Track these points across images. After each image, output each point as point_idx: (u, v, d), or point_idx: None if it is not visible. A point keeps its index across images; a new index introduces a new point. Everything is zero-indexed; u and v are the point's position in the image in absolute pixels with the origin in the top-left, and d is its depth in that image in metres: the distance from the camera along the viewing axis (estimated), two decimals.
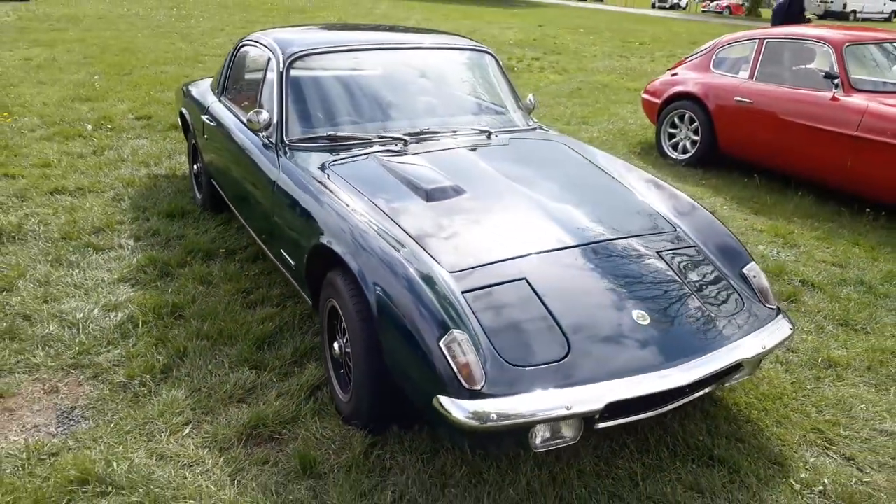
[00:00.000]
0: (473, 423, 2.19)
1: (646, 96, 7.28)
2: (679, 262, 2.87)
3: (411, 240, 2.69)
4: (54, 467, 2.51)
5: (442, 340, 2.28)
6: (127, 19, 17.40)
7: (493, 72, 4.17)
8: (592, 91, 10.64)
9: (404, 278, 2.47)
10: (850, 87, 5.50)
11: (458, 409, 2.21)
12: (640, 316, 2.53)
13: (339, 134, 3.47)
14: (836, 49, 5.64)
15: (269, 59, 3.76)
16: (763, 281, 2.90)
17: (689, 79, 6.75)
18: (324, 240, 2.80)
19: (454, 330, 2.30)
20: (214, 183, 4.57)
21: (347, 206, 2.87)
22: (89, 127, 7.05)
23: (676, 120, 6.83)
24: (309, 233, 2.96)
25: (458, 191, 3.04)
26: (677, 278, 2.77)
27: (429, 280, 2.46)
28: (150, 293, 3.75)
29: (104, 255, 4.22)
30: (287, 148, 3.40)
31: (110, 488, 2.43)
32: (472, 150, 3.50)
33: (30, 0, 21.01)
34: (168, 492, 2.42)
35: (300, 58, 3.66)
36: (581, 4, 38.11)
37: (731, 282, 2.88)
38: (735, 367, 2.62)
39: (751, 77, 6.21)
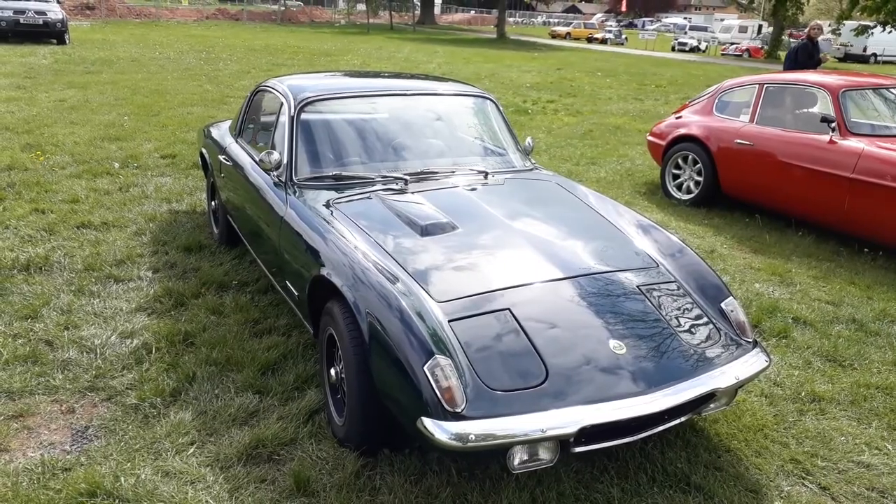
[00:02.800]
0: (454, 443, 2.35)
1: (651, 138, 7.48)
2: (658, 296, 3.02)
3: (404, 272, 2.88)
4: (66, 481, 2.70)
5: (426, 366, 2.45)
6: (158, 62, 18.08)
7: (493, 116, 4.41)
8: (604, 133, 10.86)
9: (395, 308, 2.65)
10: (847, 130, 5.65)
11: (439, 430, 2.36)
12: (616, 346, 2.69)
13: (344, 173, 3.71)
14: (832, 94, 5.81)
15: (282, 104, 4.02)
16: (740, 315, 3.04)
17: (692, 122, 6.95)
18: (324, 272, 3.00)
19: (438, 356, 2.47)
20: (230, 219, 4.82)
21: (347, 240, 3.08)
22: (116, 165, 7.40)
23: (680, 161, 7.00)
24: (311, 265, 3.17)
25: (451, 227, 3.23)
26: (656, 311, 2.92)
27: (417, 310, 2.64)
28: (164, 322, 3.97)
29: (124, 285, 4.46)
30: (295, 186, 3.63)
31: (117, 501, 2.61)
32: (470, 189, 3.71)
33: (67, 43, 21.92)
34: (172, 498, 2.59)
35: (310, 103, 3.92)
36: (601, 48, 38.71)
37: (709, 316, 3.02)
38: (709, 397, 2.75)
39: (751, 120, 6.38)
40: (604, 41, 43.30)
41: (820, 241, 5.92)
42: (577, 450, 2.56)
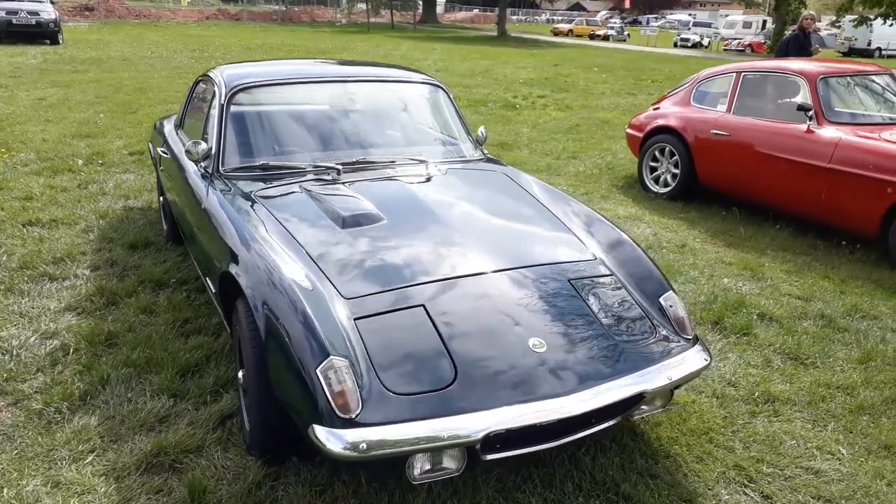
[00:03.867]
0: (345, 452, 2.14)
1: (629, 130, 7.25)
2: (591, 291, 2.81)
3: (315, 266, 2.68)
4: None
5: (319, 368, 2.25)
6: (148, 61, 17.95)
7: (442, 104, 4.19)
8: (591, 127, 10.63)
9: (294, 306, 2.44)
10: (825, 119, 5.41)
11: (329, 438, 2.16)
12: (537, 343, 2.47)
13: (272, 163, 3.51)
14: (809, 81, 5.57)
15: (215, 92, 3.83)
16: (679, 311, 2.82)
17: (669, 113, 6.71)
18: (231, 268, 2.80)
19: (333, 357, 2.26)
20: (174, 214, 4.63)
21: (258, 233, 2.87)
22: (80, 162, 7.23)
23: (657, 154, 6.77)
24: (221, 260, 2.97)
25: (376, 218, 3.03)
26: (585, 307, 2.71)
27: (319, 307, 2.44)
28: (89, 321, 3.78)
29: (58, 284, 4.28)
30: (222, 178, 3.43)
31: None
32: (407, 179, 3.49)
33: (60, 43, 21.84)
34: None
35: (242, 90, 3.72)
36: (603, 45, 38.38)
37: (646, 311, 2.80)
38: (638, 399, 2.53)
39: (728, 110, 6.14)
40: (606, 38, 42.98)
41: (798, 234, 5.68)
42: (490, 457, 2.35)
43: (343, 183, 3.37)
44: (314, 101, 3.98)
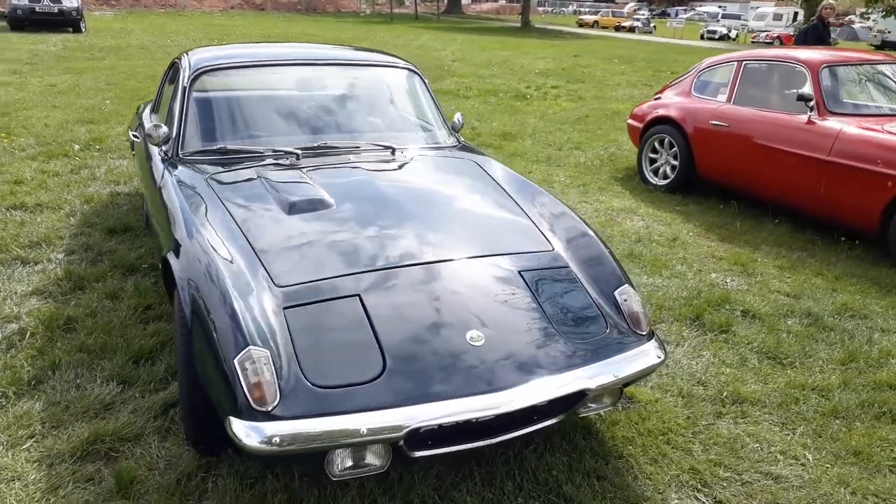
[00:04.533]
0: (257, 446, 2.05)
1: (630, 121, 7.07)
2: (542, 283, 2.68)
3: (252, 253, 2.59)
4: None
5: (237, 358, 2.16)
6: (167, 49, 18.03)
7: (416, 89, 4.07)
8: (600, 118, 10.43)
9: (219, 292, 2.36)
10: (826, 109, 5.19)
11: (242, 430, 2.08)
12: (475, 337, 2.36)
13: (230, 147, 3.43)
14: (811, 70, 5.35)
15: (180, 75, 3.76)
16: (634, 306, 2.68)
17: (670, 103, 6.52)
18: (168, 254, 2.73)
19: (252, 347, 2.18)
20: None
21: (199, 218, 2.80)
22: (77, 147, 7.24)
23: (657, 145, 6.58)
24: (164, 245, 2.90)
25: (324, 205, 2.93)
26: (533, 300, 2.59)
27: (244, 295, 2.35)
28: (52, 306, 3.75)
29: (30, 268, 4.25)
30: (181, 161, 3.36)
31: None
32: (367, 166, 3.39)
33: (82, 31, 22.08)
34: None
35: (205, 73, 3.64)
36: (628, 36, 37.82)
37: (599, 306, 2.67)
38: (580, 396, 2.41)
39: (728, 100, 5.94)
40: (631, 29, 42.33)
41: (796, 229, 5.48)
42: (419, 454, 2.25)
43: (301, 168, 3.27)
44: (280, 84, 3.90)
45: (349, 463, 2.21)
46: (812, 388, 3.25)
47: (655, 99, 6.85)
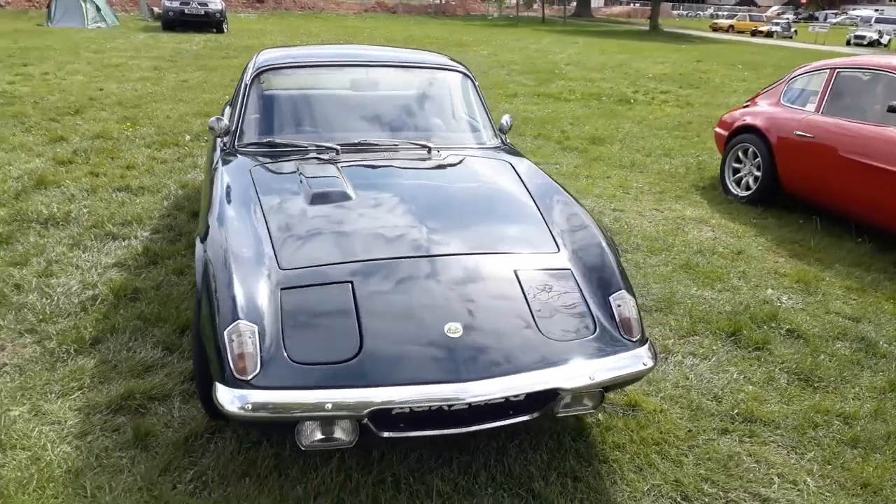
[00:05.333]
0: (234, 411, 2.26)
1: (717, 129, 6.82)
2: (536, 283, 2.73)
3: (268, 236, 2.83)
4: None
5: (227, 330, 2.39)
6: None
7: (465, 91, 4.20)
8: (702, 125, 10.06)
9: (226, 270, 2.60)
10: None
11: (223, 396, 2.29)
12: (452, 328, 2.46)
13: (278, 141, 3.70)
14: None
15: (246, 72, 4.08)
16: (627, 312, 2.68)
17: (757, 111, 6.24)
18: (196, 235, 3.01)
19: (241, 322, 2.39)
20: None
21: (230, 202, 3.07)
22: (187, 137, 7.90)
23: (741, 154, 6.31)
24: (199, 228, 3.19)
25: (344, 197, 3.12)
26: (521, 298, 2.65)
27: (247, 274, 2.58)
28: (125, 277, 4.19)
29: (117, 243, 4.75)
30: (234, 152, 3.67)
31: None
32: (400, 163, 3.56)
33: (225, 32, 23.77)
34: (10, 439, 2.72)
35: (265, 71, 3.94)
36: (764, 41, 35.82)
37: (591, 309, 2.69)
38: (553, 395, 2.45)
39: (817, 110, 5.61)
40: (769, 34, 40.03)
41: (879, 250, 5.11)
42: (387, 434, 2.38)
43: (337, 163, 3.48)
44: (334, 84, 4.14)
45: (319, 435, 2.37)
46: (837, 413, 3.08)
47: (745, 106, 6.57)
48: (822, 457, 2.81)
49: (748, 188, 6.23)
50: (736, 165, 6.40)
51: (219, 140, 3.92)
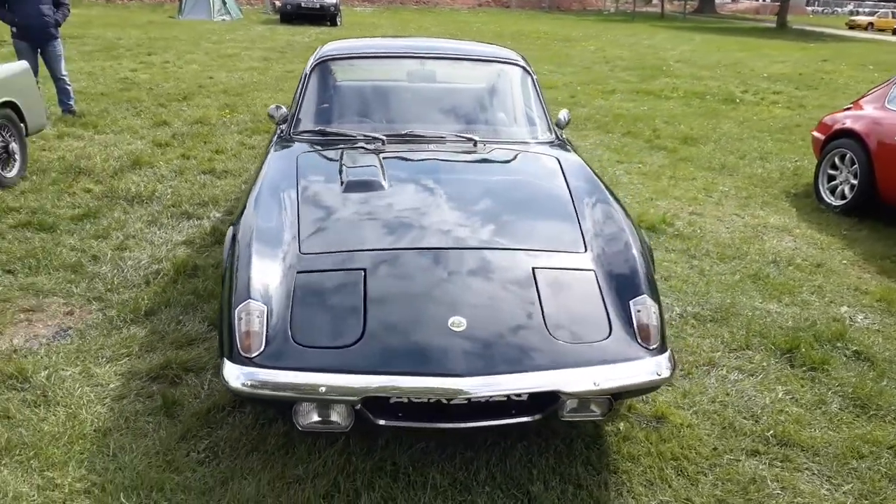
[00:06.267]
0: (234, 386, 2.35)
1: (814, 133, 6.36)
2: (553, 282, 2.66)
3: (296, 220, 2.91)
4: (7, 361, 3.18)
5: (237, 308, 2.48)
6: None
7: (520, 84, 4.13)
8: (810, 129, 9.39)
9: (248, 251, 2.70)
10: None
11: (228, 370, 2.38)
12: (456, 322, 2.44)
13: (328, 130, 3.78)
14: None
15: (309, 62, 4.20)
16: (646, 318, 2.56)
17: (859, 114, 5.77)
18: (234, 220, 3.13)
19: (251, 301, 2.48)
20: None
21: (269, 189, 3.17)
22: None
23: (837, 160, 5.86)
24: (238, 208, 3.32)
25: (377, 186, 3.15)
26: (535, 296, 2.58)
27: (265, 256, 2.67)
28: (189, 254, 4.42)
29: (191, 222, 5.02)
30: (288, 140, 3.79)
31: (27, 385, 3.02)
32: (443, 155, 3.55)
33: (338, 25, 24.53)
34: (55, 395, 2.94)
35: (324, 61, 4.04)
36: None
37: (608, 313, 2.58)
38: (553, 398, 2.38)
39: None
40: None
41: None
42: (383, 422, 2.40)
43: (381, 153, 3.52)
44: (390, 75, 4.18)
45: (315, 417, 2.42)
46: (889, 446, 2.82)
47: (847, 108, 6.09)
48: (859, 490, 2.58)
49: (843, 197, 5.78)
50: (832, 172, 5.95)
51: (278, 127, 4.05)
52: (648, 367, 2.45)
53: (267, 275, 2.59)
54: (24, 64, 6.14)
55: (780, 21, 36.70)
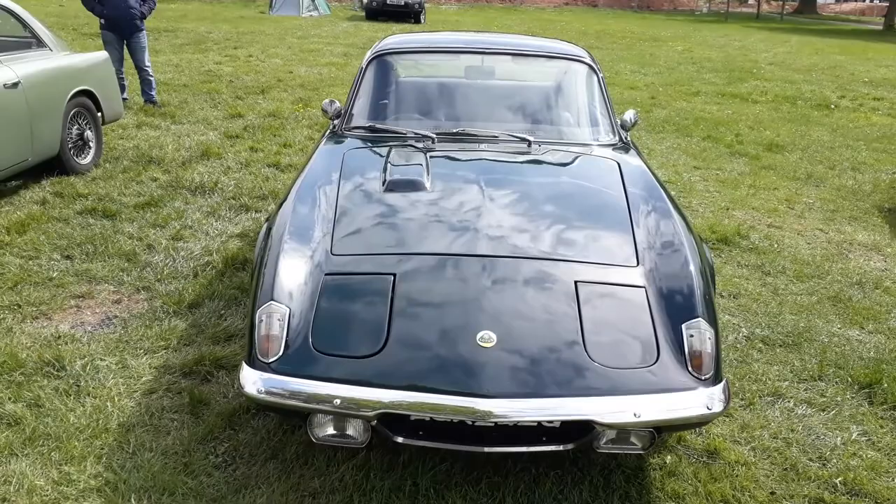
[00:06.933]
0: (250, 392, 2.26)
1: None
2: (597, 299, 2.45)
3: (332, 219, 2.80)
4: (48, 347, 3.20)
5: (259, 309, 2.38)
6: None
7: (586, 83, 3.89)
8: None
9: (276, 249, 2.61)
10: None
11: (245, 375, 2.29)
12: (485, 337, 2.27)
13: (378, 126, 3.66)
14: None
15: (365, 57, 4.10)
16: (700, 343, 2.31)
17: None
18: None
19: (273, 303, 2.37)
20: None
21: (309, 186, 3.07)
22: None
23: None
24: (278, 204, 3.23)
25: (419, 187, 3.01)
26: (575, 313, 2.38)
27: (293, 256, 2.57)
28: (239, 247, 4.40)
29: (248, 215, 5.02)
30: (338, 136, 3.69)
31: (61, 373, 3.02)
32: (493, 155, 3.37)
33: (422, 22, 24.60)
34: (87, 386, 2.93)
35: (380, 56, 3.92)
36: None
37: (657, 336, 2.35)
38: (587, 428, 2.18)
39: None
40: None
41: None
42: (402, 440, 2.26)
43: (430, 151, 3.37)
44: (448, 71, 4.04)
45: (331, 430, 2.30)
46: None
47: None
48: None
49: None
50: None
51: (332, 123, 3.96)
52: (698, 400, 2.21)
53: (294, 275, 2.48)
54: (103, 54, 6.31)
55: (887, 23, 34.45)
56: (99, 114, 5.98)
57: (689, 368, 2.27)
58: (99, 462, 2.50)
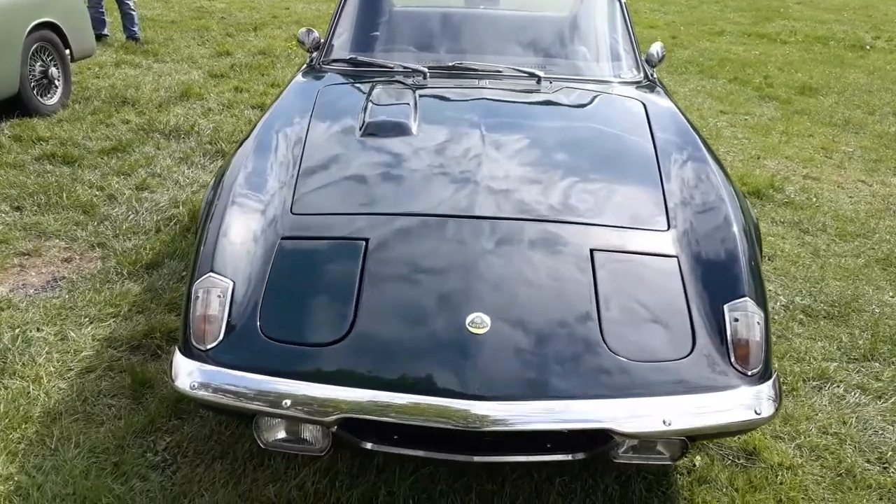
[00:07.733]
0: (181, 386, 1.81)
1: None
2: (618, 271, 1.97)
3: (296, 171, 2.31)
4: None
5: (196, 283, 1.91)
6: None
7: (605, 11, 3.32)
8: None
9: (222, 206, 2.13)
10: None
11: (176, 365, 1.84)
12: (476, 321, 1.79)
13: (361, 59, 3.12)
14: None
15: None
16: (747, 330, 1.84)
17: None
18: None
19: (212, 275, 1.91)
20: None
21: (273, 128, 2.57)
22: None
23: None
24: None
25: (401, 130, 2.50)
26: (591, 290, 1.90)
27: (244, 214, 2.09)
28: None
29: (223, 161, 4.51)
30: (315, 70, 3.17)
31: None
32: (495, 93, 2.84)
33: None
34: (14, 363, 2.51)
35: None
36: None
37: (693, 319, 1.87)
38: (603, 437, 1.72)
39: None
40: None
41: None
42: (370, 446, 1.81)
43: (421, 89, 2.84)
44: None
45: (281, 434, 1.85)
46: None
47: None
48: None
49: None
50: None
51: (309, 56, 3.42)
52: (743, 401, 1.74)
53: (242, 238, 2.01)
54: None
55: None
56: (67, 50, 5.43)
57: (733, 361, 1.80)
58: (12, 461, 2.09)
